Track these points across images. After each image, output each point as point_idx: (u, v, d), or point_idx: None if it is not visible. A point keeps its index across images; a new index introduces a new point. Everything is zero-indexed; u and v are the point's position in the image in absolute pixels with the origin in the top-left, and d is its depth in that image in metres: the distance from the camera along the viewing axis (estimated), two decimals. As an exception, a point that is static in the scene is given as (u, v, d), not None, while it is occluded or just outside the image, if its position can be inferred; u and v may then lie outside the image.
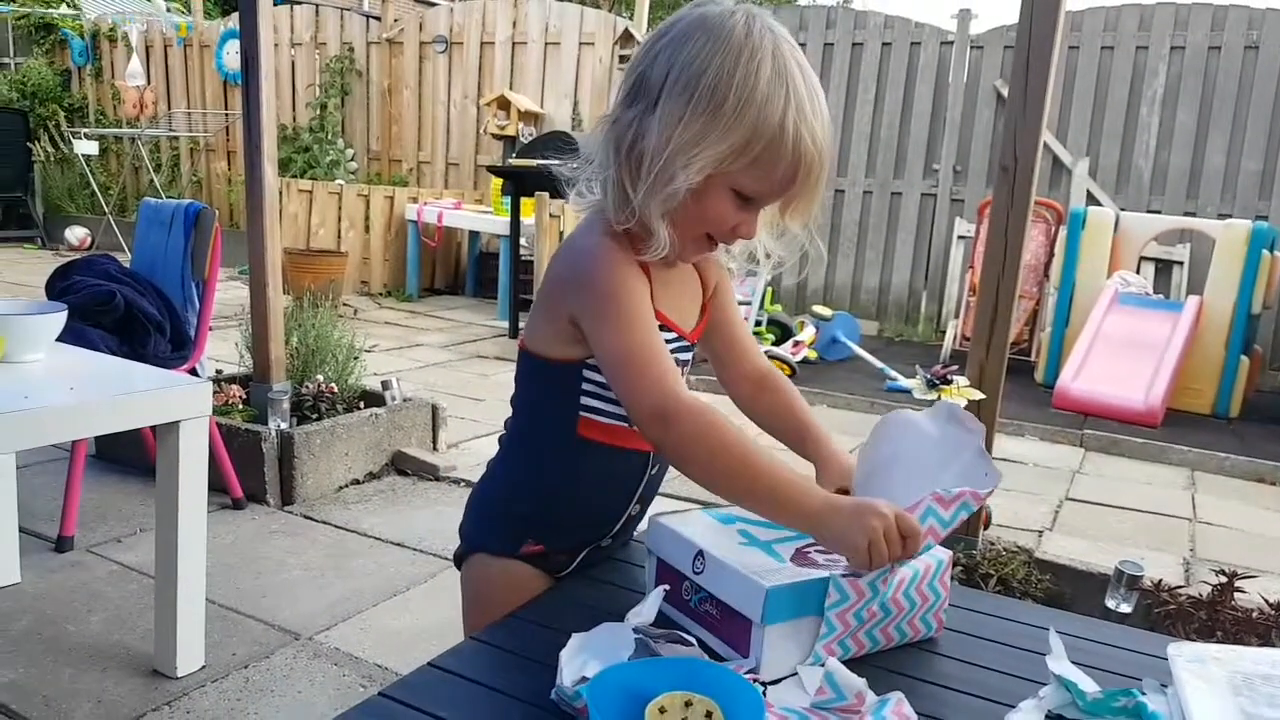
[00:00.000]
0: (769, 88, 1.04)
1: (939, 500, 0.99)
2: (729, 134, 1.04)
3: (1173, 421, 4.94)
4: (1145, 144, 6.71)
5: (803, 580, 0.95)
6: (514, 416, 1.28)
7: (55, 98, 10.66)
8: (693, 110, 1.04)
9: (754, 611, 0.93)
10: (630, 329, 1.10)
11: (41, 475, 3.34)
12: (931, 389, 2.20)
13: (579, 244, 1.17)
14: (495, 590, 1.23)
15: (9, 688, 2.12)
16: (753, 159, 1.06)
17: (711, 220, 1.12)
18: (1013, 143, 2.46)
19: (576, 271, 1.15)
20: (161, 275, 3.28)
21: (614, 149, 1.11)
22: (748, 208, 1.12)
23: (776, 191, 1.11)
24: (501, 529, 1.26)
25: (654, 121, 1.06)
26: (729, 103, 1.03)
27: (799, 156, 1.06)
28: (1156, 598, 2.39)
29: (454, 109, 8.89)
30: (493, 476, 1.30)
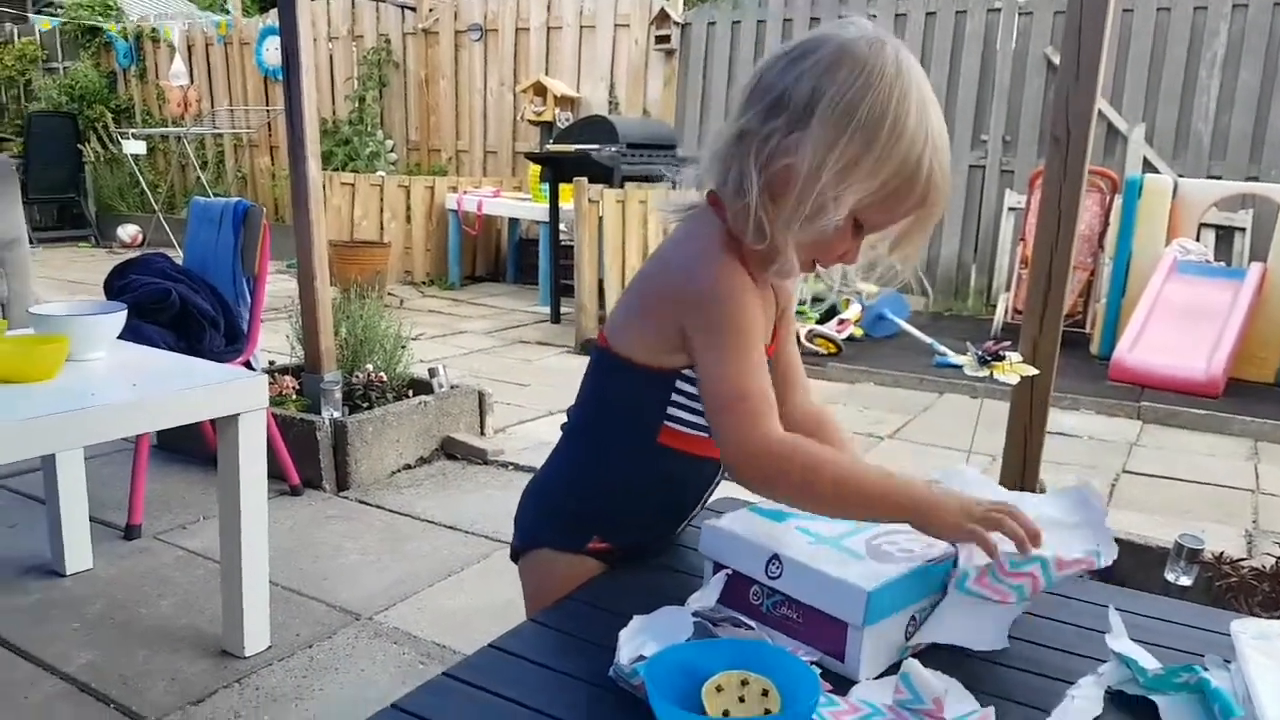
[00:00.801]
0: (914, 125, 1.03)
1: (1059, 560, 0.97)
2: (878, 170, 1.03)
3: (1234, 391, 4.83)
4: (1205, 107, 6.53)
5: (897, 578, 0.94)
6: (582, 411, 1.26)
7: (103, 99, 10.85)
8: (849, 138, 1.02)
9: (854, 615, 0.91)
10: (748, 366, 1.08)
11: (108, 466, 3.42)
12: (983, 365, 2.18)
13: (698, 255, 1.13)
14: (562, 585, 1.19)
15: (88, 668, 2.20)
16: (888, 194, 1.05)
17: (826, 247, 1.10)
18: (1065, 112, 2.41)
19: (698, 288, 1.11)
20: (213, 272, 3.34)
21: (751, 163, 1.06)
22: (858, 235, 1.11)
23: (894, 222, 1.10)
24: (565, 525, 1.24)
25: (804, 141, 1.03)
26: (881, 136, 1.02)
27: (926, 193, 1.06)
28: (1218, 571, 2.35)
29: (490, 97, 8.91)
30: (554, 469, 1.29)
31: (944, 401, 4.89)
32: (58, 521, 2.63)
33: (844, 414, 4.58)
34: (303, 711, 2.07)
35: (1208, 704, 0.88)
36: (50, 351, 1.98)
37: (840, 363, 5.36)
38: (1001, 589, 0.96)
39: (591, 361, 1.25)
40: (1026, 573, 0.96)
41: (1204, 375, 4.79)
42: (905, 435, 4.27)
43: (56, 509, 2.62)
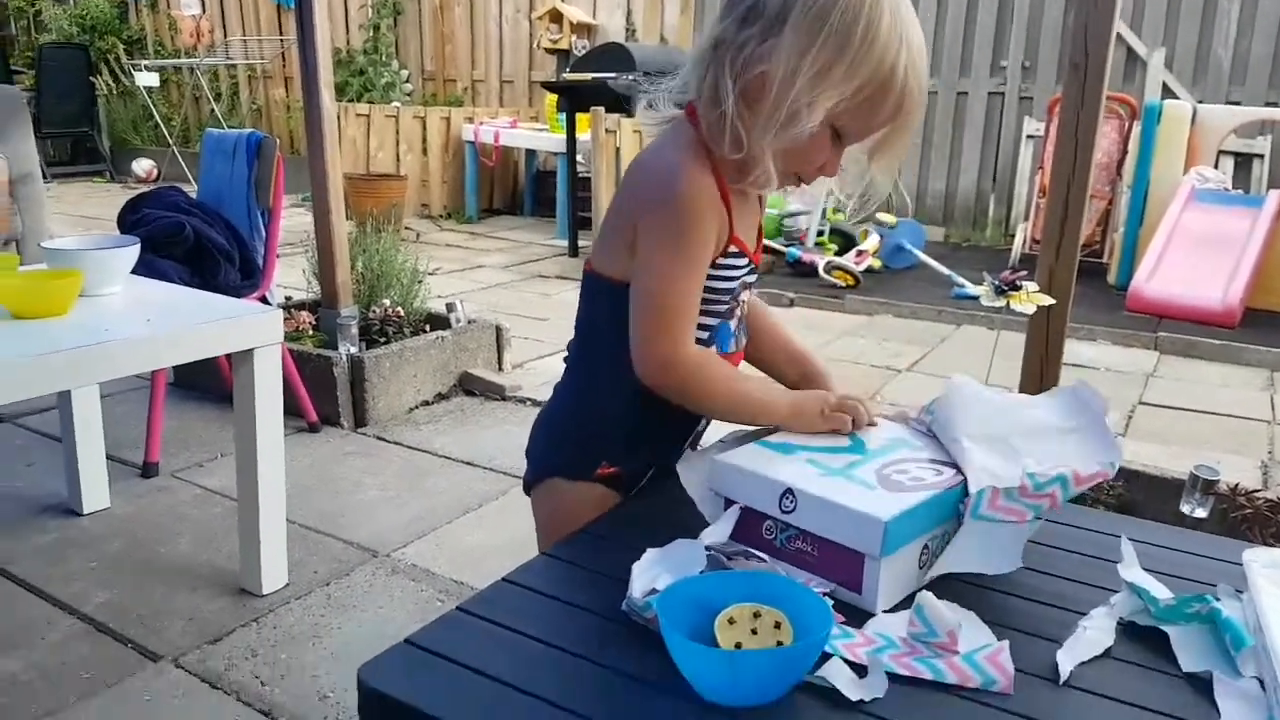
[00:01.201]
0: (889, 30, 1.03)
1: (1076, 476, 0.98)
2: (852, 75, 1.03)
3: (1252, 321, 4.79)
4: (1225, 31, 6.38)
5: (913, 506, 0.93)
6: (576, 339, 1.29)
7: (114, 30, 10.74)
8: (821, 43, 1.02)
9: (871, 545, 0.90)
10: (681, 275, 1.12)
11: (124, 404, 3.45)
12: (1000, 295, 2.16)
13: (664, 159, 1.15)
14: (573, 513, 1.21)
15: (106, 606, 2.23)
16: (861, 100, 1.05)
17: (806, 158, 1.11)
18: (1083, 37, 2.36)
19: (658, 188, 1.13)
20: (228, 205, 3.33)
21: (726, 71, 1.07)
22: (838, 145, 1.11)
23: (871, 132, 1.11)
24: (573, 453, 1.26)
25: (777, 48, 1.03)
26: (855, 40, 1.02)
27: (901, 99, 1.07)
28: (1233, 502, 2.35)
29: (506, 25, 8.78)
30: (559, 400, 1.31)
31: (961, 333, 4.86)
32: (74, 460, 2.65)
33: (862, 346, 4.58)
34: (320, 650, 2.10)
35: (1219, 634, 0.88)
36: (64, 286, 1.98)
37: (858, 295, 5.33)
38: (1018, 509, 0.97)
39: (581, 289, 1.27)
40: (1047, 494, 0.97)
41: (1221, 305, 4.75)
42: (923, 368, 4.26)
43: (73, 447, 2.64)
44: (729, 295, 1.21)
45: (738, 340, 1.27)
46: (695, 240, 1.12)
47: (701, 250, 1.13)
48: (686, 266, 1.12)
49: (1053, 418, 1.09)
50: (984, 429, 1.06)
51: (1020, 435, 1.04)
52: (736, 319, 1.25)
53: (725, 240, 1.16)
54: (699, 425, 1.29)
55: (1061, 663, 0.84)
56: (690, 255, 1.12)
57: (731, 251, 1.18)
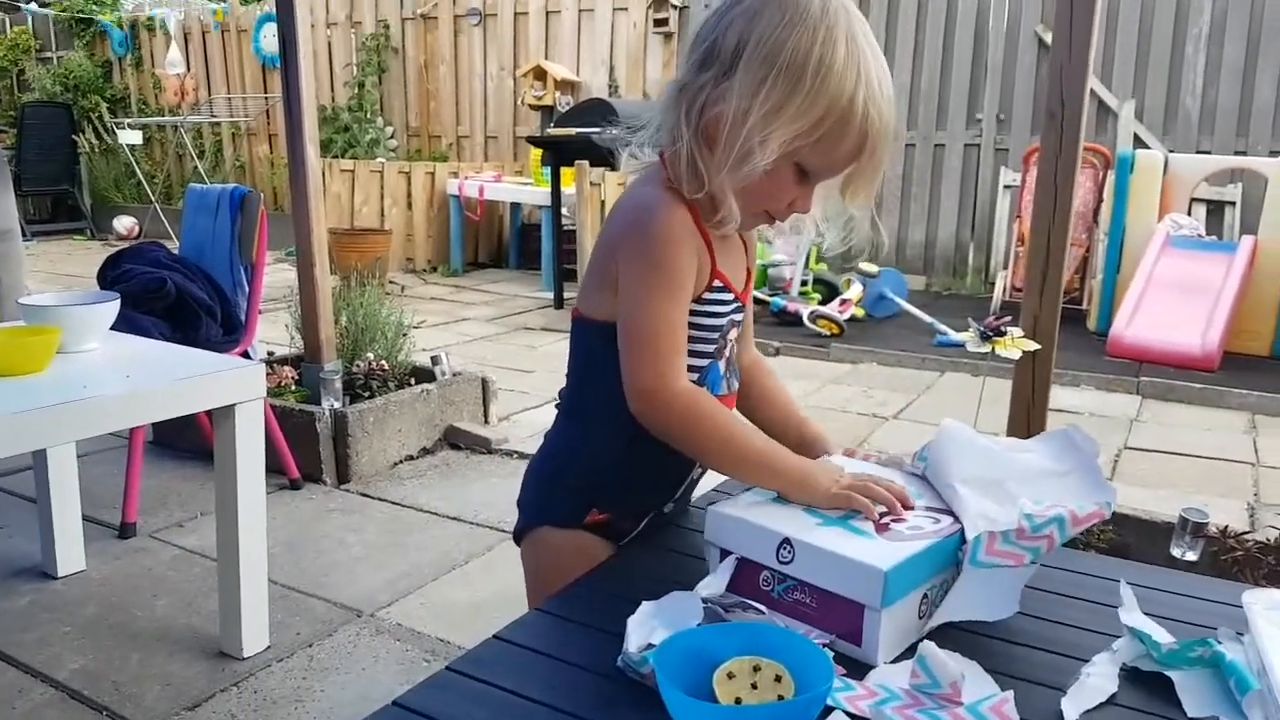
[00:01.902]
0: (844, 65, 1.04)
1: (1073, 517, 0.97)
2: (805, 112, 1.04)
3: (1231, 365, 4.82)
4: (1192, 83, 6.51)
5: (912, 556, 0.92)
6: (568, 385, 1.28)
7: (98, 89, 10.79)
8: (772, 82, 1.04)
9: (871, 596, 0.89)
10: (663, 302, 1.12)
11: (101, 464, 3.40)
12: (985, 341, 2.16)
13: (640, 198, 1.16)
14: (563, 562, 1.21)
15: (80, 674, 2.18)
16: (821, 135, 1.06)
17: (771, 194, 1.12)
18: (1059, 87, 2.39)
19: (635, 223, 1.14)
20: (210, 260, 3.31)
21: (685, 114, 1.10)
22: (806, 182, 1.12)
23: (837, 168, 1.11)
24: (563, 500, 1.25)
25: (730, 89, 1.06)
26: (805, 79, 1.03)
27: (864, 134, 1.07)
28: (1223, 544, 2.34)
29: (490, 82, 8.87)
30: (551, 446, 1.30)
31: (946, 380, 4.87)
32: (49, 521, 2.60)
33: (848, 394, 4.57)
34: (302, 714, 2.05)
35: (1223, 677, 0.87)
36: (41, 343, 1.96)
37: (843, 343, 5.35)
38: (1016, 552, 0.96)
39: (570, 335, 1.27)
40: (1045, 535, 0.96)
41: (1200, 350, 4.79)
42: (909, 415, 4.26)
43: (48, 508, 2.58)
44: (717, 333, 1.21)
45: (729, 383, 1.26)
46: (674, 269, 1.12)
47: (681, 279, 1.13)
48: (667, 295, 1.12)
49: (1045, 461, 1.08)
50: (978, 474, 1.05)
51: (1014, 479, 1.04)
52: (725, 360, 1.24)
53: (708, 274, 1.17)
54: (693, 473, 1.28)
55: (1066, 711, 0.83)
56: (670, 284, 1.12)
57: (716, 287, 1.18)
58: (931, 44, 7.20)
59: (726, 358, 1.25)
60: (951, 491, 1.04)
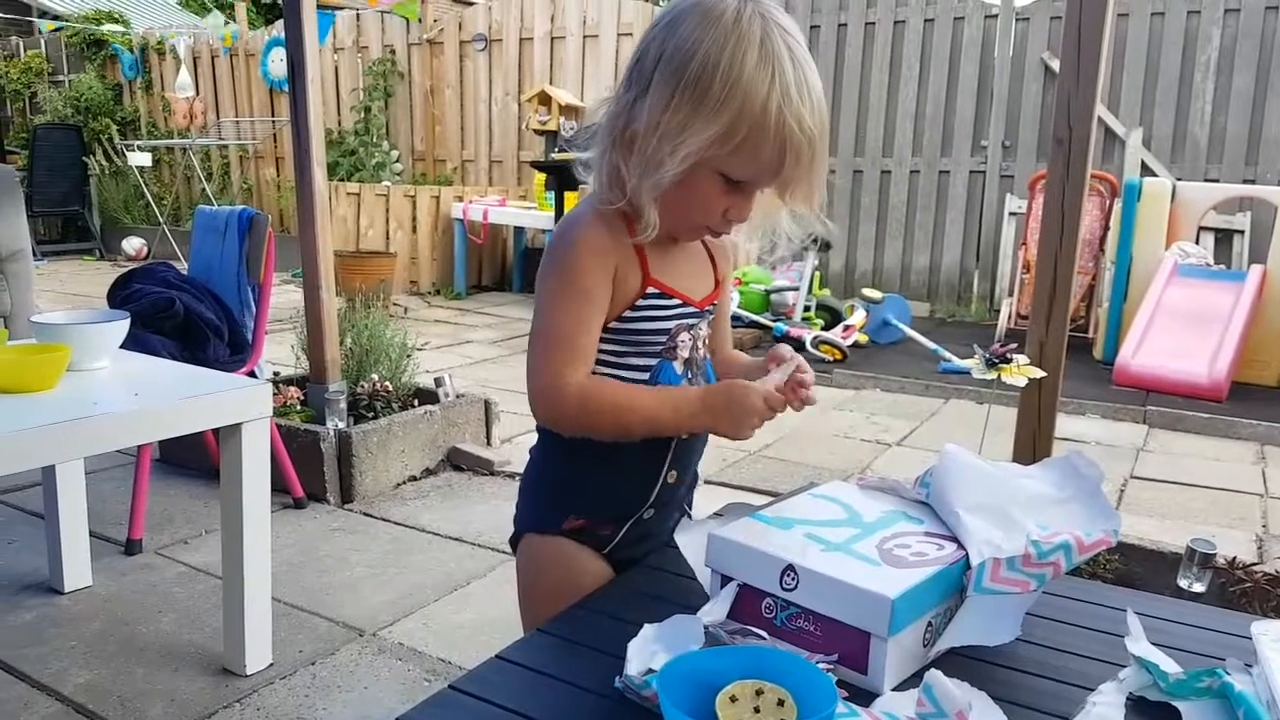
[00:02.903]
0: (754, 73, 1.05)
1: (1079, 543, 0.97)
2: (713, 121, 1.05)
3: (1239, 395, 4.81)
4: (1200, 111, 6.54)
5: (918, 583, 0.91)
6: None
7: (108, 111, 10.88)
8: (679, 95, 1.06)
9: (878, 624, 0.88)
10: (564, 307, 1.16)
11: (108, 481, 3.41)
12: (991, 368, 2.16)
13: (567, 217, 1.21)
14: (546, 568, 1.27)
15: (85, 688, 2.17)
16: (736, 144, 1.07)
17: (701, 206, 1.14)
18: (1066, 113, 2.40)
19: (554, 240, 1.20)
20: (218, 281, 3.33)
21: (607, 132, 1.14)
22: (737, 191, 1.13)
23: (765, 176, 1.12)
24: (542, 506, 1.30)
25: (645, 106, 1.09)
26: (714, 89, 1.05)
27: (783, 141, 1.07)
28: (1231, 576, 2.33)
29: (495, 106, 8.92)
30: (531, 458, 1.35)
31: (950, 407, 4.87)
32: (57, 538, 2.60)
33: (851, 420, 4.57)
34: (307, 727, 2.05)
35: (1231, 709, 0.86)
36: (51, 361, 1.96)
37: (846, 369, 5.34)
38: (1021, 579, 0.95)
39: None
40: (1051, 562, 0.95)
41: (1207, 379, 4.78)
42: (912, 442, 4.25)
43: (56, 525, 2.59)
44: (662, 335, 1.23)
45: (693, 382, 1.28)
46: (578, 279, 1.15)
47: (585, 288, 1.16)
48: (568, 301, 1.16)
49: (1048, 488, 1.08)
50: (981, 500, 1.04)
51: (1018, 505, 1.03)
52: (683, 360, 1.26)
53: (640, 283, 1.20)
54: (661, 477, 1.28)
55: (1072, 740, 0.82)
56: (573, 292, 1.16)
57: (652, 294, 1.20)
58: (937, 70, 7.24)
59: (685, 358, 1.26)
60: (955, 519, 1.03)
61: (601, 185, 1.17)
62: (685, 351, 1.26)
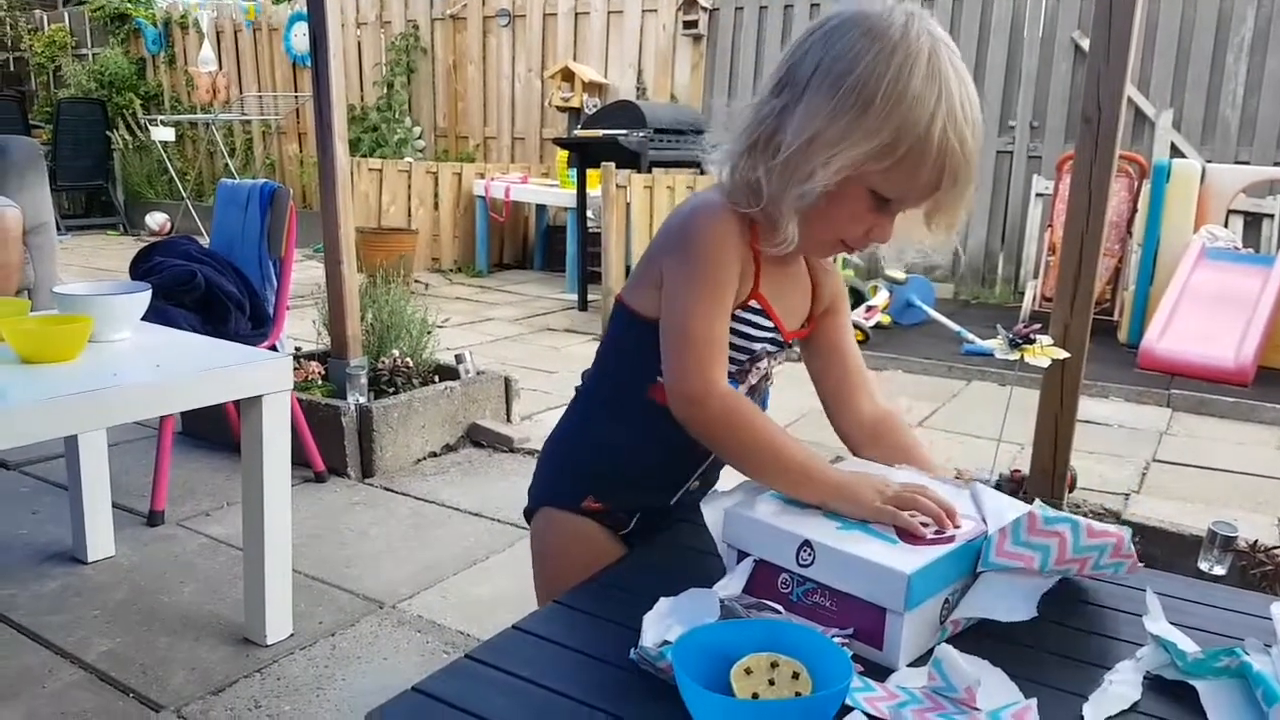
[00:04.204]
0: (921, 89, 1.01)
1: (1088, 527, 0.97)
2: (874, 134, 1.01)
3: (1265, 380, 4.75)
4: (1232, 92, 6.44)
5: (935, 559, 0.91)
6: (592, 366, 1.30)
7: (131, 86, 10.92)
8: (839, 105, 1.01)
9: (894, 600, 0.88)
10: (703, 304, 1.11)
11: (131, 453, 3.44)
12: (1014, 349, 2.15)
13: (693, 203, 1.16)
14: (560, 543, 1.26)
15: (108, 656, 2.20)
16: (895, 161, 1.02)
17: (845, 222, 1.10)
18: (1095, 92, 2.37)
19: (683, 226, 1.14)
20: (239, 254, 3.34)
21: (749, 137, 1.09)
22: (884, 210, 1.09)
23: (918, 196, 1.08)
24: (565, 482, 1.28)
25: (798, 114, 1.04)
26: (877, 102, 1.00)
27: (944, 161, 1.03)
28: (1252, 559, 2.31)
29: (518, 83, 8.90)
30: (562, 427, 1.33)
31: (972, 389, 4.84)
32: (80, 508, 2.63)
33: (870, 401, 4.54)
34: (323, 700, 2.06)
35: (1249, 688, 0.85)
36: (73, 331, 1.98)
37: (868, 350, 5.31)
38: (1025, 554, 0.95)
39: (609, 319, 1.28)
40: (1055, 530, 0.95)
41: (1233, 364, 4.73)
42: (934, 423, 4.23)
43: (79, 495, 2.62)
44: (745, 355, 1.20)
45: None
46: (717, 276, 1.11)
47: (724, 287, 1.12)
48: (710, 301, 1.11)
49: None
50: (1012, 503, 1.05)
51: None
52: (749, 385, 1.23)
53: (748, 292, 1.16)
54: (687, 483, 1.27)
55: (1088, 717, 0.82)
56: (713, 290, 1.11)
57: (753, 308, 1.17)
58: (965, 49, 7.15)
59: (750, 384, 1.23)
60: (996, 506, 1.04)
61: (739, 194, 1.11)
62: (754, 378, 1.23)
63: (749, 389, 1.23)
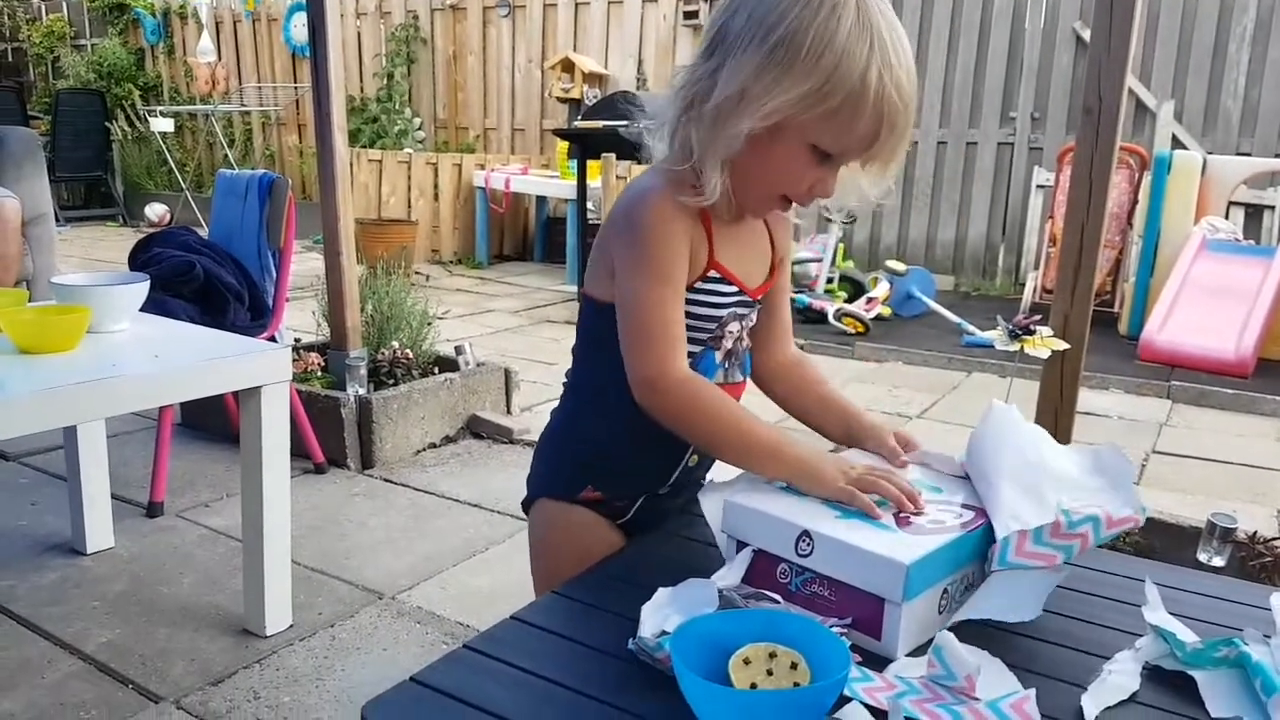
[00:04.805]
0: (850, 38, 1.00)
1: (1108, 518, 0.96)
2: (804, 80, 1.01)
3: (1265, 371, 4.75)
4: (1234, 83, 6.42)
5: (934, 550, 0.90)
6: (573, 362, 1.30)
7: (130, 77, 10.89)
8: (767, 59, 1.01)
9: (892, 590, 0.87)
10: (656, 291, 1.11)
11: (130, 444, 3.44)
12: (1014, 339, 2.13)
13: (637, 185, 1.16)
14: (558, 535, 1.26)
15: (108, 647, 2.20)
16: (830, 110, 1.02)
17: (785, 175, 1.10)
18: (1096, 82, 2.36)
19: (626, 211, 1.15)
20: (238, 245, 3.33)
21: (683, 102, 1.10)
22: (825, 164, 1.09)
23: (858, 147, 1.07)
24: (561, 474, 1.28)
25: (727, 69, 1.04)
26: (805, 52, 1.00)
27: (881, 109, 1.02)
28: (1251, 550, 2.31)
29: (518, 74, 8.88)
30: (553, 421, 1.33)
31: (972, 380, 4.84)
32: (79, 499, 2.63)
33: (873, 393, 4.55)
34: (323, 691, 2.07)
35: (1248, 678, 0.85)
36: (71, 322, 1.98)
37: (868, 342, 5.32)
38: (1047, 553, 0.94)
39: (578, 313, 1.29)
40: (1079, 533, 0.94)
41: (1234, 355, 4.72)
42: (934, 415, 4.23)
43: (78, 487, 2.62)
44: (713, 323, 1.20)
45: (728, 374, 1.25)
46: (663, 257, 1.12)
47: (671, 266, 1.12)
48: (660, 283, 1.12)
49: (1081, 473, 1.06)
50: (1017, 469, 1.03)
51: (1050, 483, 1.01)
52: (724, 351, 1.23)
53: (704, 263, 1.16)
54: (687, 461, 1.27)
55: (1086, 708, 0.82)
56: (661, 273, 1.12)
57: (712, 277, 1.17)
58: (967, 40, 7.14)
59: (727, 349, 1.23)
60: (987, 484, 1.03)
61: (672, 151, 1.13)
62: (729, 342, 1.23)
63: (725, 354, 1.23)
